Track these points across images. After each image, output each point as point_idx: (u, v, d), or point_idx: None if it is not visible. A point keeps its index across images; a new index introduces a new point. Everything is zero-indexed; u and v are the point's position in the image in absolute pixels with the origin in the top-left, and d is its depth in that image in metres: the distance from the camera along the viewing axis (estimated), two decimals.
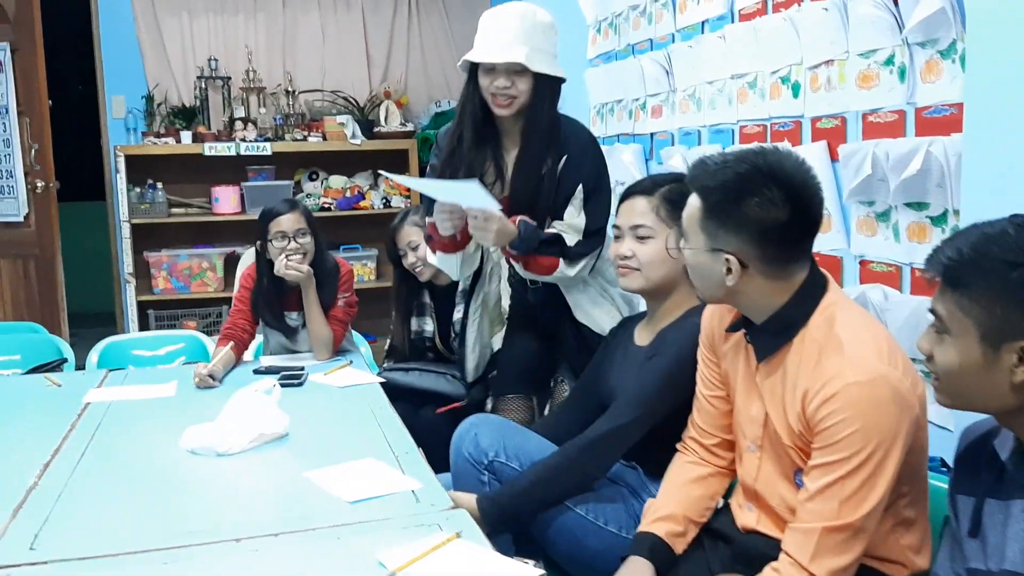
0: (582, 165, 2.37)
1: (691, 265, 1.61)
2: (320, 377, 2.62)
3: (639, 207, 2.01)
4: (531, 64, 2.26)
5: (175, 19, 5.25)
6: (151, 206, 5.00)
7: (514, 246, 2.29)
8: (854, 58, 2.29)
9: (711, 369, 1.74)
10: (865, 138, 2.27)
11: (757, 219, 1.49)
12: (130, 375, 2.80)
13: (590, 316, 2.43)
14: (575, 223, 2.37)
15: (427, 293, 3.00)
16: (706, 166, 1.56)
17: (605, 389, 2.05)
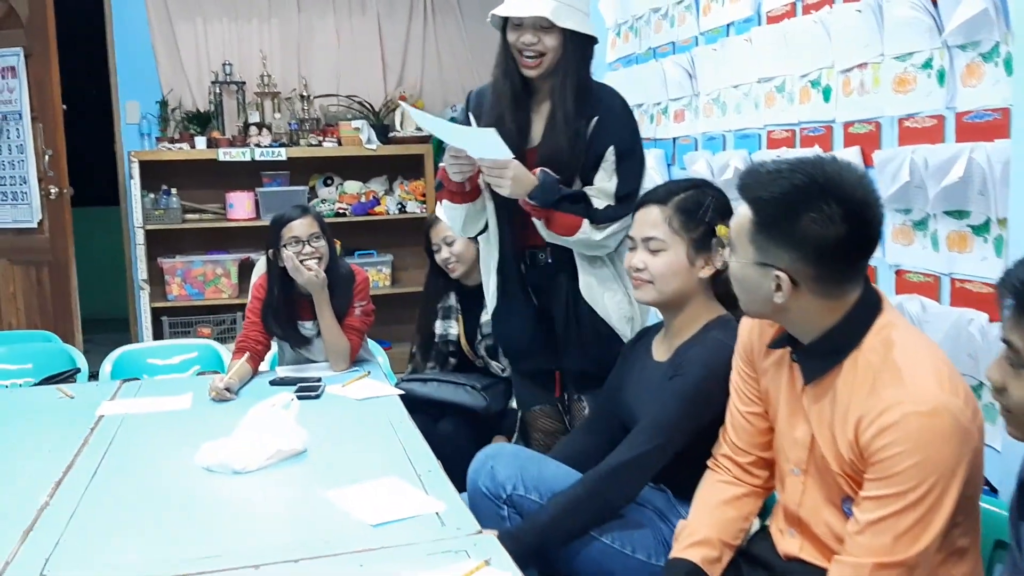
0: (614, 126, 2.29)
1: (737, 278, 1.53)
2: (338, 389, 2.56)
3: (651, 217, 1.94)
4: (557, 19, 2.18)
5: (189, 24, 5.21)
6: (165, 212, 4.96)
7: (533, 196, 2.19)
8: (889, 61, 2.21)
9: (749, 384, 1.67)
10: (901, 144, 2.20)
11: (813, 236, 1.40)
12: (144, 386, 2.74)
13: (598, 299, 2.33)
14: (605, 187, 2.27)
15: (454, 295, 2.94)
16: (759, 175, 1.48)
17: (625, 408, 1.98)
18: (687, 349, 1.88)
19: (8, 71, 4.69)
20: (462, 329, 2.91)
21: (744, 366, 1.69)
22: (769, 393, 1.62)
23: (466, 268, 2.86)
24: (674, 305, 1.95)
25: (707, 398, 1.78)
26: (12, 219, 4.80)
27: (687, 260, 1.91)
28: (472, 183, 2.32)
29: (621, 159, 2.27)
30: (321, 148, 5.15)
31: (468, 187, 2.33)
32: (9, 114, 4.71)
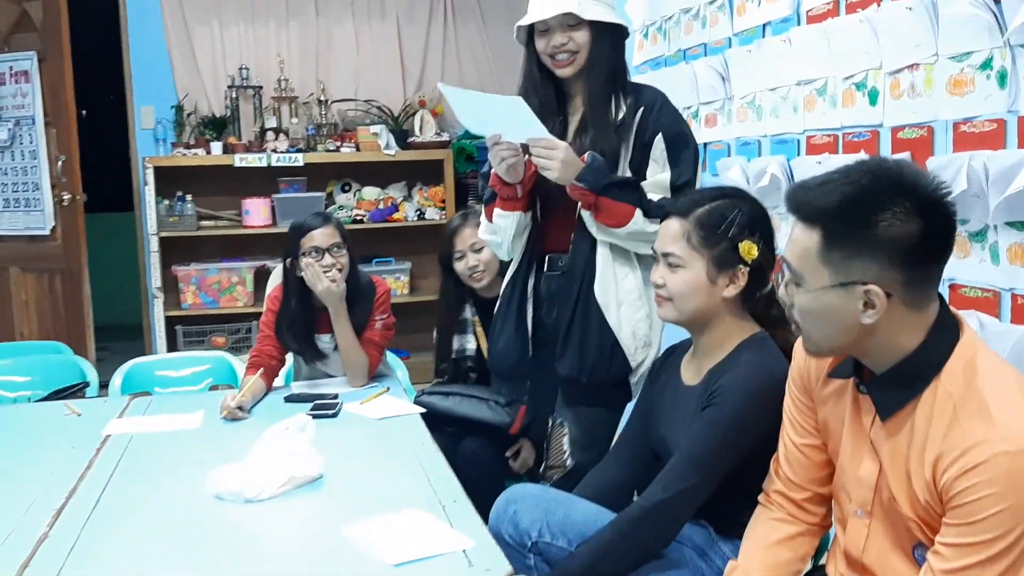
0: (660, 114, 2.18)
1: (811, 312, 1.36)
2: (355, 407, 2.44)
3: (671, 231, 1.80)
4: (583, 12, 2.11)
5: (206, 28, 5.12)
6: (180, 219, 4.87)
7: (582, 178, 2.06)
8: (944, 61, 2.07)
9: (805, 414, 1.53)
10: (956, 150, 2.06)
11: (893, 237, 1.26)
12: (154, 402, 2.63)
13: (613, 309, 2.15)
14: (659, 179, 2.15)
15: (469, 308, 2.80)
16: (811, 189, 1.34)
17: (656, 436, 1.85)
18: (719, 373, 1.74)
19: (21, 75, 4.61)
20: (484, 344, 2.77)
21: (799, 394, 1.55)
22: (829, 425, 1.48)
23: (490, 279, 2.72)
24: (698, 324, 1.82)
25: (746, 428, 1.64)
26: (25, 226, 4.72)
27: (707, 278, 1.76)
28: (525, 187, 2.21)
29: (671, 147, 2.16)
30: (339, 153, 5.05)
31: (520, 191, 2.21)
32: (22, 119, 4.63)
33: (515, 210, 2.23)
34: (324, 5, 5.27)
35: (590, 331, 2.14)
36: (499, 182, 2.20)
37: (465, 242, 2.73)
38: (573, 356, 2.16)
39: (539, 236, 2.27)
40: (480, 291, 2.79)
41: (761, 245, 1.76)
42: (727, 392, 1.66)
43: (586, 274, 2.17)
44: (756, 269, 1.76)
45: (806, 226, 1.33)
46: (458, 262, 2.75)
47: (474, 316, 2.79)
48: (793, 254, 1.36)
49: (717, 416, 1.66)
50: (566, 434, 2.18)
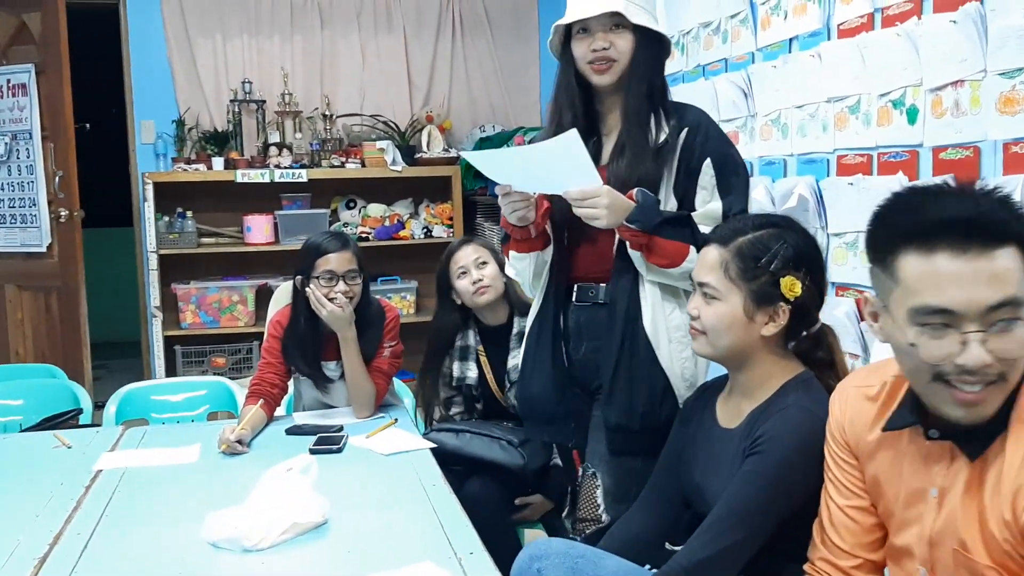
0: (707, 136, 1.98)
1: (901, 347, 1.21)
2: (362, 440, 2.30)
3: (709, 259, 1.66)
4: (630, 15, 1.93)
5: (208, 40, 5.01)
6: (180, 236, 4.74)
7: (633, 220, 1.86)
8: (993, 78, 1.94)
9: (849, 474, 1.39)
10: (1007, 172, 1.93)
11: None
12: (148, 433, 2.49)
13: (663, 346, 1.96)
14: (710, 209, 1.94)
15: (472, 334, 2.66)
16: (968, 197, 1.17)
17: (690, 483, 1.69)
18: (763, 418, 1.59)
19: (19, 88, 4.50)
20: (490, 374, 2.62)
21: (840, 451, 1.40)
22: (880, 481, 1.33)
23: (495, 296, 2.58)
24: (734, 362, 1.67)
25: (795, 479, 1.50)
26: (21, 243, 4.59)
27: (743, 314, 1.61)
28: (538, 227, 2.04)
29: (721, 173, 1.96)
30: (344, 169, 4.92)
31: (534, 232, 2.04)
32: (19, 133, 4.51)
33: (531, 251, 2.08)
34: (329, 18, 5.16)
35: (639, 372, 1.95)
36: (509, 225, 2.05)
37: (468, 257, 2.59)
38: (622, 401, 1.95)
39: (566, 264, 2.09)
40: (484, 318, 2.64)
41: (807, 282, 1.61)
42: (773, 439, 1.52)
43: (630, 309, 1.97)
44: (799, 307, 1.62)
45: (997, 248, 1.12)
46: (460, 280, 2.60)
47: (478, 344, 2.65)
48: (1015, 285, 1.12)
49: (762, 466, 1.51)
50: (599, 486, 1.99)
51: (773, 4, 2.83)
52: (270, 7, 5.06)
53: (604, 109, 2.06)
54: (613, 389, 1.96)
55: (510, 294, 2.60)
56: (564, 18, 2.01)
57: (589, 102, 2.05)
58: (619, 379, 1.96)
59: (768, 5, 2.86)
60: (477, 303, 2.60)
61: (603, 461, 2.00)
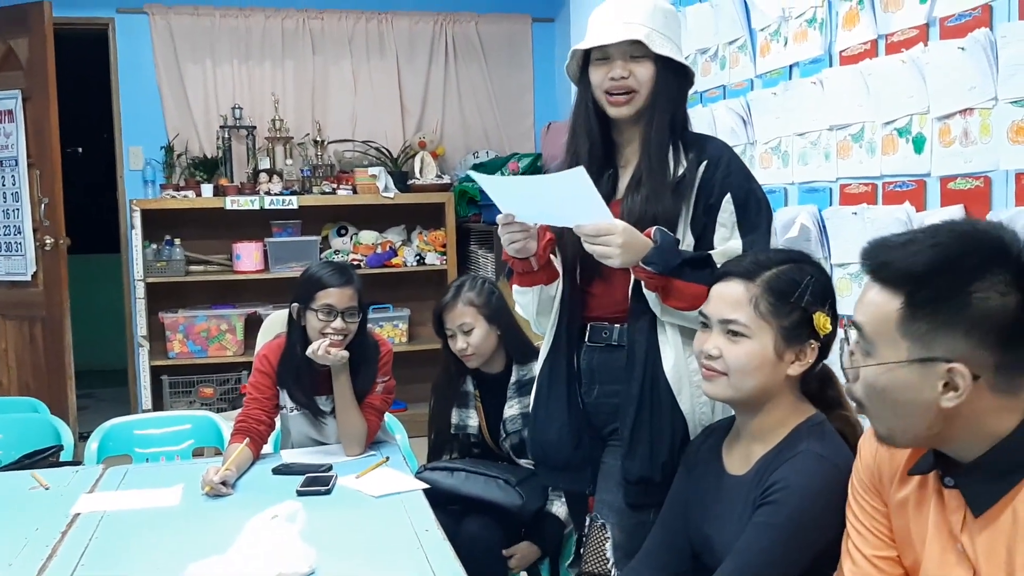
0: (728, 171, 1.85)
1: (880, 389, 1.16)
2: (351, 481, 2.21)
3: (733, 294, 1.57)
4: (652, 44, 1.82)
5: (198, 66, 4.96)
6: (168, 264, 4.66)
7: (650, 261, 1.74)
8: (1004, 106, 1.88)
9: (877, 521, 1.31)
10: (1019, 203, 1.87)
11: (988, 311, 1.09)
12: (129, 473, 2.40)
13: (684, 390, 1.82)
14: (730, 247, 1.82)
15: (470, 380, 2.57)
16: (892, 247, 1.16)
17: (699, 534, 1.60)
18: (774, 464, 1.51)
19: (5, 115, 4.44)
20: (483, 422, 2.53)
21: (869, 498, 1.32)
22: (909, 532, 1.26)
23: (480, 362, 2.49)
24: (753, 405, 1.58)
25: (811, 531, 1.42)
26: (5, 271, 4.52)
27: (774, 353, 1.53)
28: (541, 260, 1.92)
29: (742, 209, 1.84)
30: (335, 196, 4.86)
31: (536, 265, 1.91)
32: (5, 160, 4.45)
33: (535, 284, 1.95)
34: (321, 43, 5.12)
35: (662, 420, 1.82)
36: (512, 257, 1.93)
37: (455, 320, 2.47)
38: (644, 453, 1.81)
39: (578, 303, 1.96)
40: (481, 368, 2.54)
41: (832, 317, 1.55)
42: (786, 488, 1.44)
43: (649, 353, 1.85)
44: (825, 345, 1.55)
45: (885, 289, 1.15)
46: (450, 340, 2.51)
47: (475, 390, 2.56)
48: (867, 319, 1.18)
49: (775, 517, 1.43)
50: (609, 538, 1.87)
51: (772, 31, 2.78)
52: (261, 32, 5.02)
53: (622, 140, 1.95)
54: (634, 440, 1.83)
55: (507, 343, 2.50)
56: (583, 43, 1.89)
57: (607, 131, 1.94)
58: (641, 429, 1.83)
59: (767, 32, 2.81)
60: (468, 365, 2.52)
61: (615, 512, 1.87)
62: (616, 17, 1.86)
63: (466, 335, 2.43)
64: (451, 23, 5.29)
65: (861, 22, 2.36)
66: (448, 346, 2.51)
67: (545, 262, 1.92)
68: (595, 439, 1.95)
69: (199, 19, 4.95)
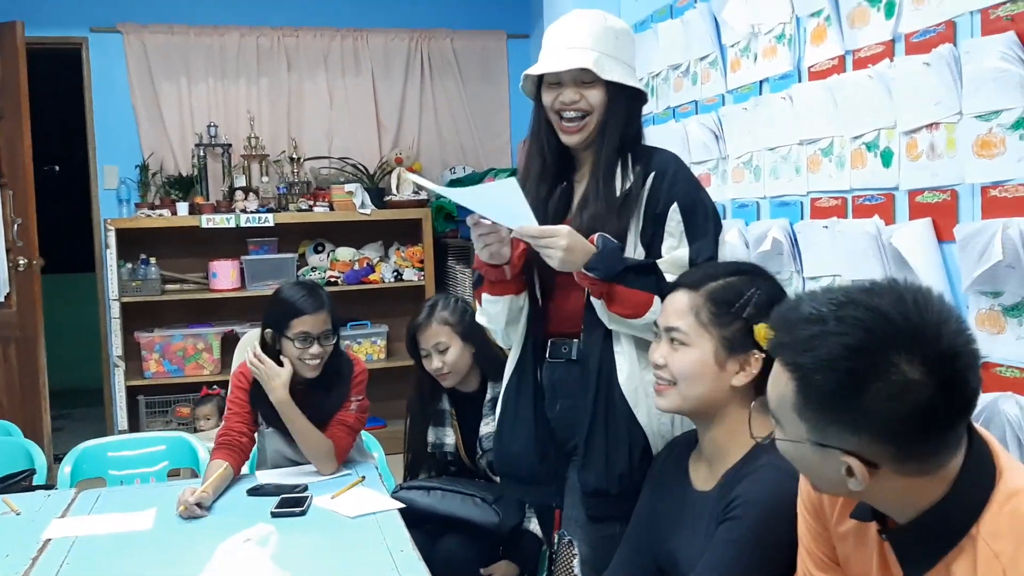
0: (674, 181, 1.88)
1: (792, 457, 1.17)
2: (326, 501, 2.20)
3: (678, 304, 1.60)
4: (601, 71, 1.84)
5: (172, 84, 4.94)
6: (143, 283, 4.63)
7: (591, 267, 1.77)
8: (969, 120, 1.91)
9: (823, 545, 1.30)
10: (986, 216, 1.89)
11: (887, 411, 1.04)
12: (103, 497, 2.37)
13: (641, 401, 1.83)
14: (676, 256, 1.84)
15: (446, 398, 2.56)
16: (794, 325, 1.11)
17: (664, 551, 1.60)
18: (736, 479, 1.52)
19: None
20: (460, 440, 2.52)
21: (814, 521, 1.31)
22: (851, 564, 1.25)
23: (456, 380, 2.49)
24: (704, 416, 1.60)
25: (772, 546, 1.42)
26: None
27: (714, 361, 1.56)
28: (514, 269, 1.92)
29: (688, 217, 1.85)
30: (312, 213, 4.85)
31: (509, 273, 1.92)
32: None
33: (505, 294, 1.94)
34: (296, 60, 5.12)
35: (617, 433, 1.83)
36: (485, 264, 1.94)
37: (429, 340, 2.47)
38: (599, 465, 1.82)
39: (540, 319, 1.99)
40: (456, 384, 2.54)
41: None
42: (747, 503, 1.44)
43: (603, 365, 1.86)
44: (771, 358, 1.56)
45: (784, 368, 1.12)
46: (425, 360, 2.50)
47: (451, 408, 2.56)
48: (771, 392, 1.16)
49: (738, 532, 1.44)
50: (576, 555, 1.88)
51: (742, 46, 2.81)
52: (236, 50, 5.01)
53: (579, 155, 1.97)
54: (589, 451, 1.84)
55: (481, 360, 2.50)
56: (533, 68, 1.92)
57: (562, 147, 1.96)
58: (595, 441, 1.84)
59: (737, 47, 2.84)
60: (443, 384, 2.52)
61: (579, 527, 1.89)
62: (564, 42, 1.89)
63: (441, 354, 2.43)
64: (426, 40, 5.30)
65: (828, 38, 2.39)
66: (422, 366, 2.50)
67: (519, 271, 1.92)
68: (561, 454, 1.96)
69: (173, 37, 4.94)
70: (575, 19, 1.92)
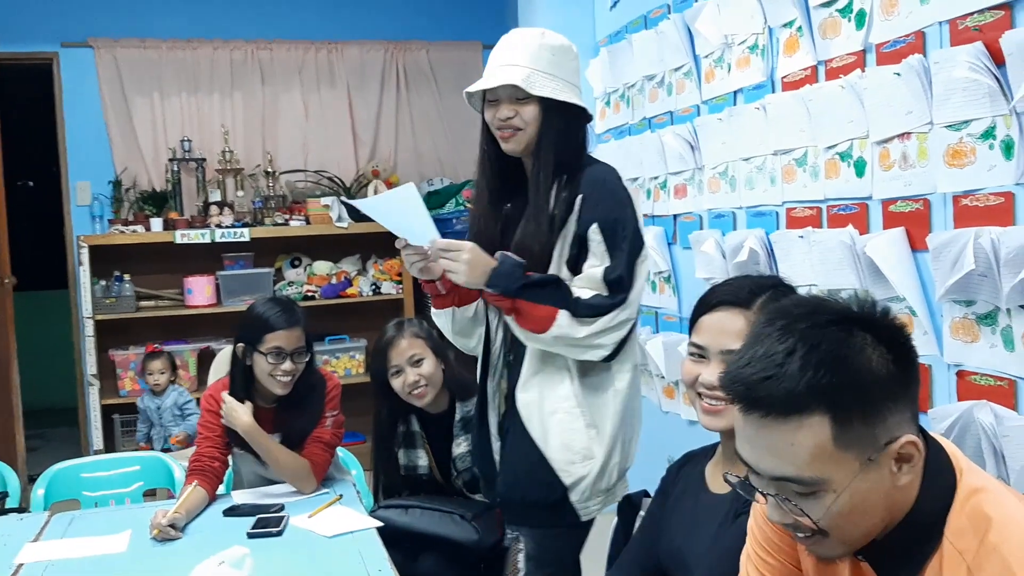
0: (598, 201, 1.89)
1: (850, 511, 1.05)
2: (303, 520, 2.17)
3: (732, 325, 1.52)
4: (531, 87, 1.86)
5: (145, 99, 4.91)
6: (117, 300, 4.58)
7: (491, 283, 1.83)
8: (940, 130, 1.92)
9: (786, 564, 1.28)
10: (958, 225, 1.90)
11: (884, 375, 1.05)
12: (76, 519, 2.33)
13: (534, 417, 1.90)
14: (591, 274, 1.87)
15: (415, 419, 2.51)
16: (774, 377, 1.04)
17: (671, 549, 1.59)
18: None
19: None
20: (433, 462, 2.48)
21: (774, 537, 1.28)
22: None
23: (433, 396, 2.42)
24: None
25: None
26: None
27: None
28: (446, 284, 1.96)
29: (608, 235, 1.87)
30: (288, 227, 4.82)
31: (442, 288, 1.98)
32: None
33: (446, 306, 2.02)
34: (270, 73, 5.10)
35: (517, 444, 1.92)
36: (423, 280, 2.00)
37: (402, 355, 2.41)
38: (506, 472, 1.94)
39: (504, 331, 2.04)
40: (424, 406, 2.45)
41: None
42: None
43: (513, 379, 1.96)
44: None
45: (801, 419, 1.03)
46: (395, 379, 2.42)
47: (421, 430, 2.50)
48: (796, 464, 1.04)
49: None
50: (521, 550, 1.93)
51: (716, 57, 2.82)
52: (209, 64, 4.99)
53: (526, 173, 1.99)
54: (502, 460, 1.97)
55: (447, 381, 2.46)
56: (471, 86, 1.96)
57: (509, 166, 1.99)
58: (505, 450, 1.96)
59: (711, 58, 2.85)
60: (414, 404, 2.45)
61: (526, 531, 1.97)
62: (500, 60, 1.93)
63: (417, 366, 2.39)
64: (401, 52, 5.29)
65: (801, 48, 2.40)
66: (388, 388, 2.44)
67: (453, 286, 1.95)
68: None
69: (145, 52, 4.90)
70: (513, 37, 1.96)
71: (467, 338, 2.07)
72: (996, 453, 1.79)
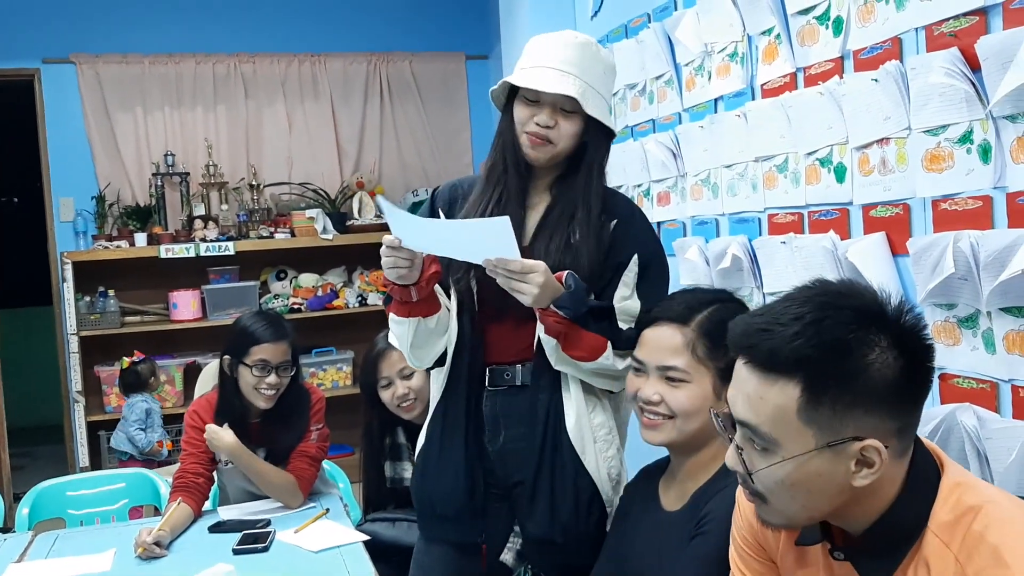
0: (636, 231, 1.84)
1: (793, 482, 1.09)
2: (290, 535, 2.17)
3: (669, 342, 1.58)
4: (585, 103, 1.75)
5: (128, 114, 4.90)
6: (102, 316, 4.56)
7: (561, 305, 1.70)
8: (918, 135, 1.93)
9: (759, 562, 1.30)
10: (937, 229, 1.90)
11: (881, 379, 1.05)
12: (60, 539, 2.32)
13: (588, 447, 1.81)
14: (629, 307, 1.79)
15: (401, 432, 2.51)
16: (770, 332, 1.09)
17: (631, 570, 1.60)
18: (705, 498, 1.52)
19: None
20: None
21: (751, 551, 1.30)
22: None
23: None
24: (692, 447, 1.60)
25: None
26: None
27: (713, 394, 1.56)
28: (422, 292, 1.77)
29: (645, 271, 1.81)
30: (273, 240, 4.82)
31: (415, 296, 1.77)
32: None
33: (412, 315, 1.80)
34: (253, 87, 5.09)
35: (564, 481, 1.78)
36: (393, 284, 1.79)
37: (393, 367, 2.40)
38: (544, 511, 1.77)
39: (477, 346, 1.87)
40: (411, 418, 2.45)
41: None
42: (716, 519, 1.45)
43: (551, 409, 1.81)
44: None
45: (777, 379, 1.08)
46: (384, 391, 2.42)
47: (407, 442, 2.50)
48: (760, 416, 1.09)
49: (705, 548, 1.44)
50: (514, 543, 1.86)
51: (696, 65, 2.83)
52: (192, 78, 4.98)
53: (535, 179, 1.88)
54: (535, 497, 1.80)
55: None
56: (516, 77, 1.81)
57: (528, 167, 1.86)
58: (541, 488, 1.79)
59: (692, 66, 2.86)
60: (402, 416, 2.44)
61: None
62: (555, 59, 1.78)
63: (407, 379, 2.39)
64: (385, 63, 5.30)
65: (780, 55, 2.41)
66: (376, 400, 2.44)
67: (427, 295, 1.80)
68: (494, 489, 1.89)
69: (128, 67, 4.89)
70: (567, 37, 1.84)
71: (424, 350, 1.88)
72: (980, 455, 1.80)
